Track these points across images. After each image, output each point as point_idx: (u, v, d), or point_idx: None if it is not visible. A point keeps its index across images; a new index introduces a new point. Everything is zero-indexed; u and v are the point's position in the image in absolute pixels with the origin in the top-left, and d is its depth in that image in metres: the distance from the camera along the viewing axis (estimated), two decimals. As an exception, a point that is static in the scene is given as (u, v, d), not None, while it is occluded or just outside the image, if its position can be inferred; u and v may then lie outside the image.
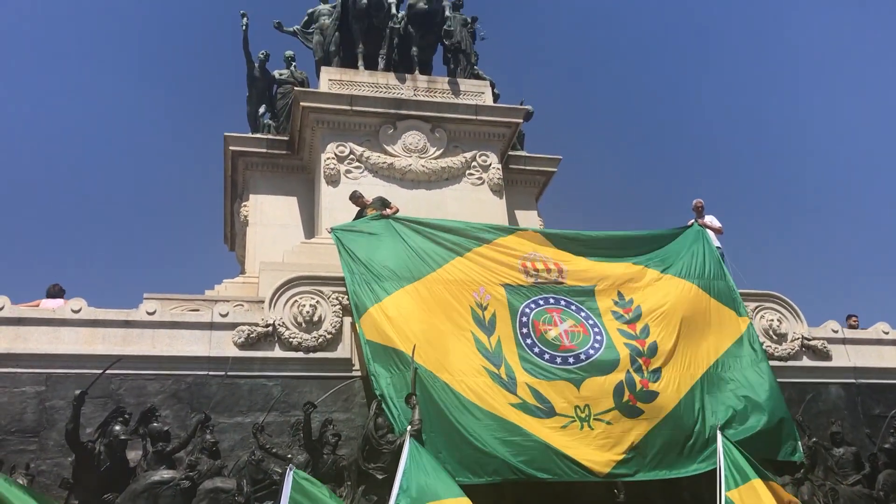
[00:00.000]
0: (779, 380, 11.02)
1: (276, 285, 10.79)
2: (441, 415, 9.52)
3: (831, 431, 11.16)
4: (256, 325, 10.34)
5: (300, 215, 15.42)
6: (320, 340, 10.45)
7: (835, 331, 12.52)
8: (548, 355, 10.47)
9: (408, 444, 8.85)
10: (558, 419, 9.89)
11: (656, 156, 41.94)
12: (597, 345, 10.71)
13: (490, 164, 15.12)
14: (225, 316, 10.37)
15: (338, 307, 10.74)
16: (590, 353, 10.58)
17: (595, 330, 10.91)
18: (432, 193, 14.66)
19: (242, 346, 10.19)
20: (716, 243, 12.71)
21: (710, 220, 13.21)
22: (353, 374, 10.36)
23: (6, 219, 35.87)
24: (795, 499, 9.99)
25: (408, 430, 9.05)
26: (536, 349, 10.51)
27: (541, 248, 11.79)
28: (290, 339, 10.35)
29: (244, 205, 15.73)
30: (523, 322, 10.77)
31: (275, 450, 9.23)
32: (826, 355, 12.15)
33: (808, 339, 12.16)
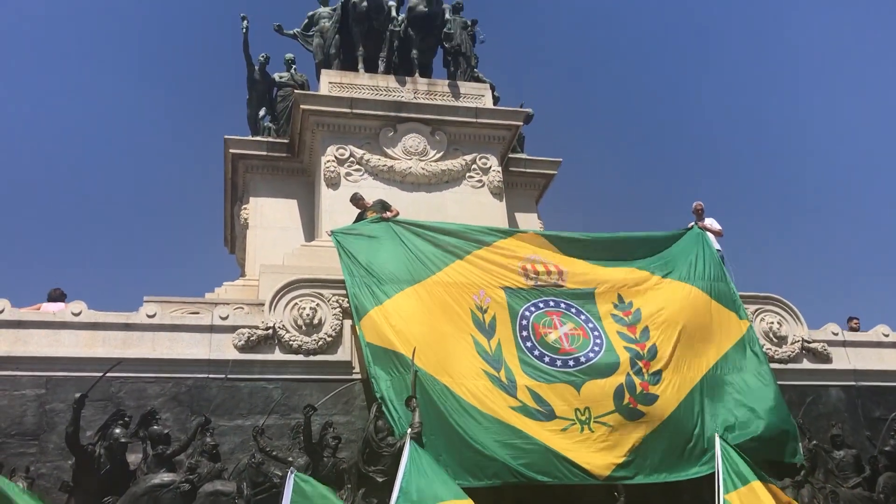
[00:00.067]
0: (779, 382, 11.02)
1: (277, 288, 10.80)
2: (441, 418, 9.53)
3: (831, 434, 11.16)
4: (256, 327, 10.35)
5: (300, 218, 15.42)
6: (320, 343, 10.45)
7: (835, 333, 12.54)
8: (548, 358, 10.47)
9: (408, 446, 8.86)
10: (558, 422, 9.90)
11: (656, 157, 41.99)
12: (596, 348, 10.72)
13: (490, 167, 15.12)
14: (225, 319, 10.38)
15: (338, 310, 10.74)
16: (590, 357, 10.58)
17: (595, 333, 10.91)
18: (432, 196, 14.66)
19: (242, 349, 10.20)
20: (716, 246, 12.69)
21: (710, 222, 13.19)
22: (354, 376, 10.37)
23: (6, 221, 35.93)
24: (795, 502, 9.98)
25: (408, 432, 9.06)
26: (536, 352, 10.51)
27: (541, 251, 11.78)
28: (291, 342, 10.35)
29: (244, 207, 15.73)
30: (523, 325, 10.78)
31: (275, 453, 9.23)
32: (826, 358, 12.17)
33: (809, 342, 12.18)
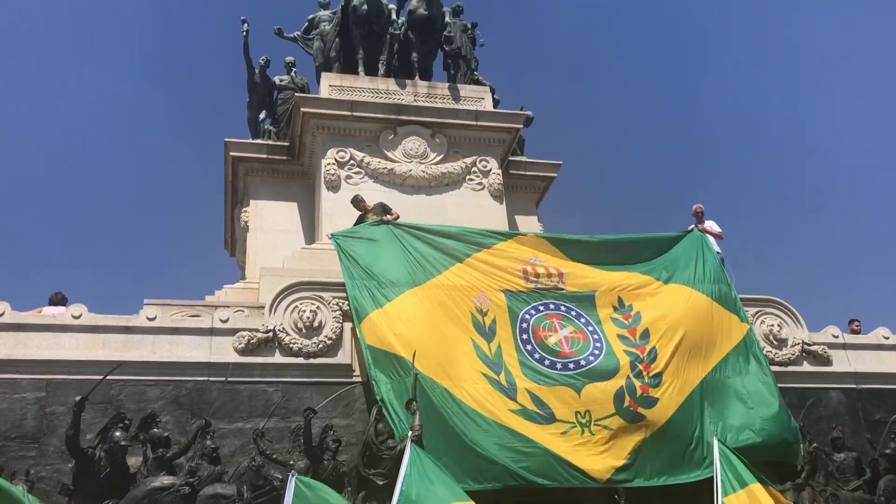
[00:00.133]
0: (779, 385, 11.02)
1: (277, 291, 10.79)
2: (441, 421, 9.52)
3: (832, 437, 11.14)
4: (257, 330, 10.34)
5: (300, 221, 15.44)
6: (321, 346, 10.45)
7: (835, 336, 12.53)
8: (548, 361, 10.47)
9: (409, 449, 8.85)
10: (559, 425, 9.89)
11: (656, 159, 42.02)
12: (596, 351, 10.72)
13: (490, 170, 15.13)
14: (225, 321, 10.37)
15: (338, 313, 10.74)
16: (590, 360, 10.58)
17: (595, 337, 10.91)
18: (432, 199, 14.66)
19: (243, 352, 10.20)
20: (716, 248, 12.69)
21: (710, 225, 13.18)
22: (354, 379, 10.37)
23: (7, 224, 35.95)
24: (794, 504, 9.98)
25: (409, 435, 9.05)
26: (537, 355, 10.51)
27: (541, 253, 11.79)
28: (291, 345, 10.35)
29: (245, 210, 15.74)
30: (523, 328, 10.77)
31: (275, 455, 9.22)
32: (827, 360, 12.16)
33: (809, 345, 12.17)
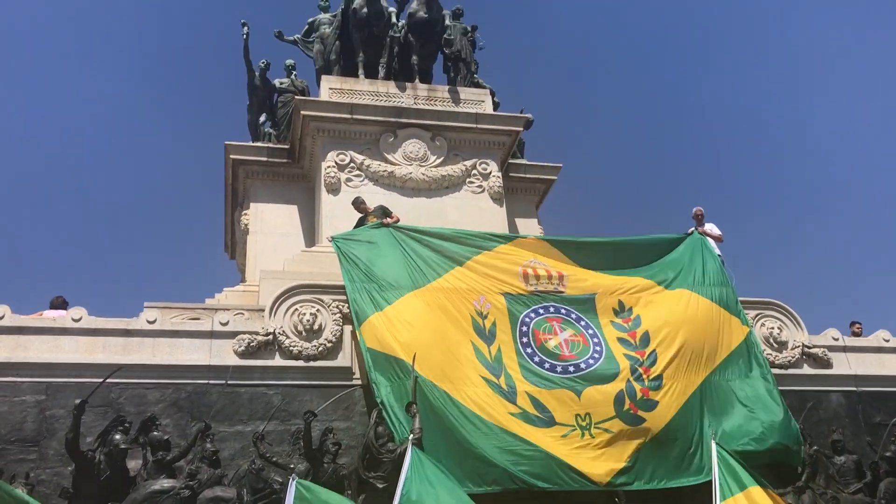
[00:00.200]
0: (779, 388, 11.02)
1: (277, 294, 10.79)
2: (441, 424, 9.52)
3: (832, 439, 11.13)
4: (257, 333, 10.34)
5: (301, 224, 15.43)
6: (321, 349, 10.45)
7: (835, 338, 12.52)
8: (548, 364, 10.47)
9: (410, 452, 8.85)
10: (559, 428, 9.89)
11: (656, 161, 41.99)
12: (596, 355, 10.72)
13: (490, 172, 15.13)
14: (225, 324, 10.37)
15: (338, 316, 10.73)
16: (590, 363, 10.58)
17: (594, 340, 10.92)
18: (433, 202, 14.65)
19: (243, 355, 10.19)
20: (716, 251, 12.69)
21: (710, 227, 13.19)
22: (354, 382, 10.36)
23: (7, 228, 35.95)
24: (793, 507, 9.97)
25: (409, 437, 9.04)
26: (537, 358, 10.50)
27: (541, 256, 11.81)
28: (291, 348, 10.35)
29: (245, 213, 15.74)
30: (523, 331, 10.77)
31: (275, 459, 9.20)
32: (827, 363, 12.15)
33: (809, 347, 12.16)
